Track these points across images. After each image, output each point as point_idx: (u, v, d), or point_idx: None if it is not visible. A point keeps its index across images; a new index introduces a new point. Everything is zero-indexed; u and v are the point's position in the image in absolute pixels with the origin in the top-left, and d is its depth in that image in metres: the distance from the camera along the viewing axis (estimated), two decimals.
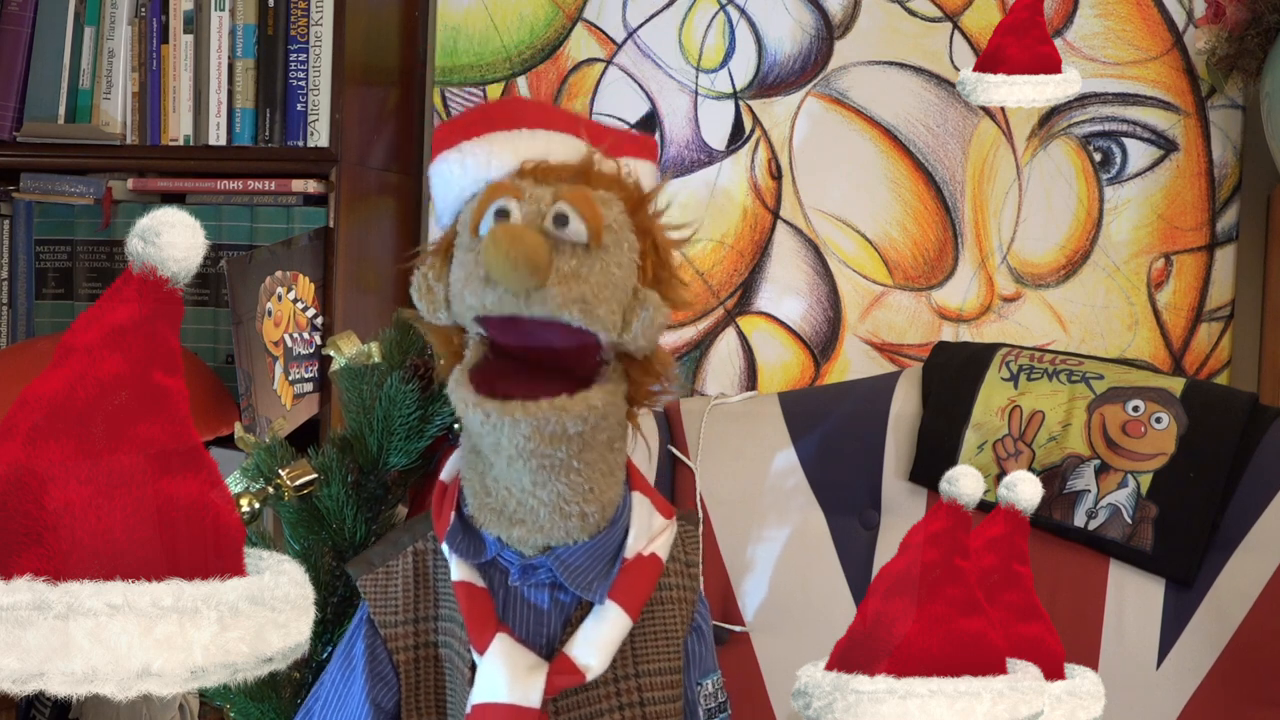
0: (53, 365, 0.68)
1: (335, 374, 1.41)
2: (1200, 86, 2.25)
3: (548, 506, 1.04)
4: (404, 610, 1.13)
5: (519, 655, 1.06)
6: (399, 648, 1.12)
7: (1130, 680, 1.54)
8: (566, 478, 1.04)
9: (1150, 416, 1.61)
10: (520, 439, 1.01)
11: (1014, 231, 2.30)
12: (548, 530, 1.05)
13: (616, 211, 1.03)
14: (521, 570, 1.08)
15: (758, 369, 2.36)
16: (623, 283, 1.02)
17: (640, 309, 1.02)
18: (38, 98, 2.28)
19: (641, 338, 1.03)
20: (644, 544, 1.10)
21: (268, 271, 2.12)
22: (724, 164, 2.36)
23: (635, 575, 1.09)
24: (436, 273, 1.06)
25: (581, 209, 1.00)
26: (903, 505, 1.66)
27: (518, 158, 1.04)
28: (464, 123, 1.08)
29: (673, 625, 1.12)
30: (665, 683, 1.11)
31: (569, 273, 0.99)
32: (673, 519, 1.14)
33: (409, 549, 1.14)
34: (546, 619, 1.09)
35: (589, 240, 1.00)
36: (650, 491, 1.13)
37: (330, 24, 2.20)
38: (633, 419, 1.10)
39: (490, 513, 1.06)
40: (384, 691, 1.13)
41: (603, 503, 1.07)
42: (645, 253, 1.05)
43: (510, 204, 1.01)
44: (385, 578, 1.14)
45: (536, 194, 1.01)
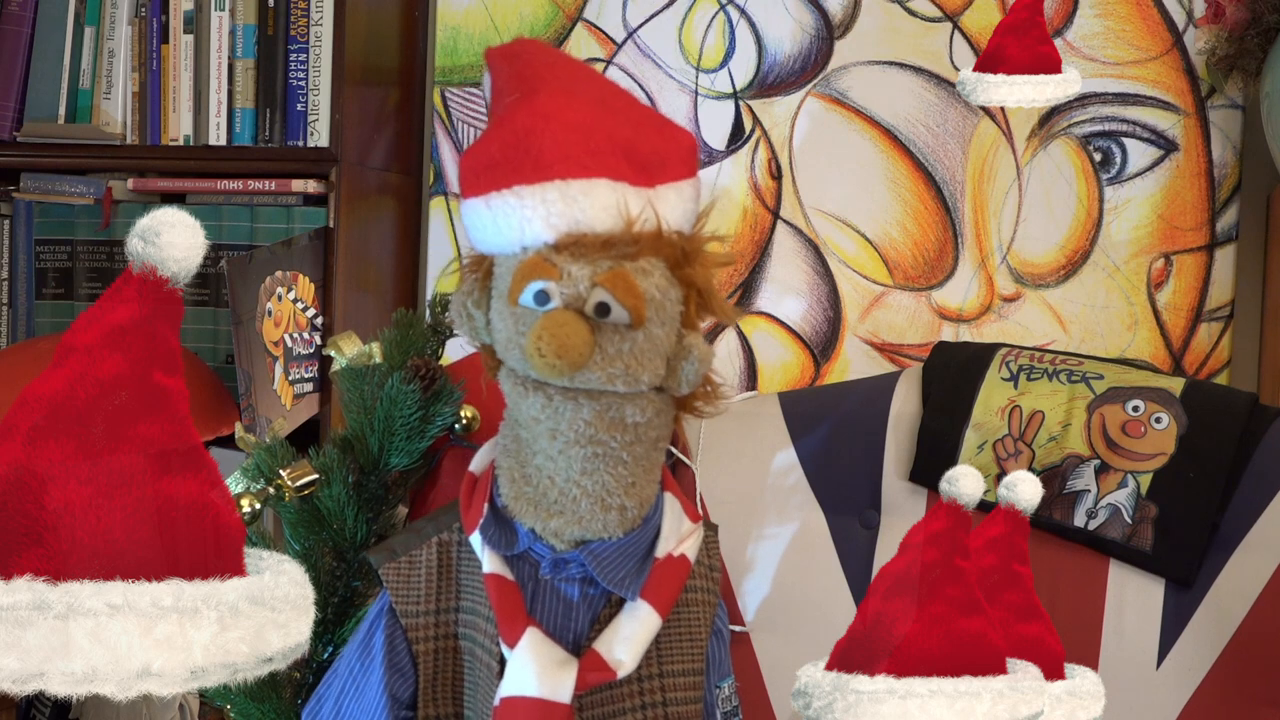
0: (53, 365, 0.68)
1: (336, 374, 1.41)
2: (1200, 86, 2.25)
3: (590, 497, 1.06)
4: (426, 600, 1.13)
5: (549, 650, 1.07)
6: (420, 638, 1.13)
7: (1130, 680, 1.54)
8: (614, 469, 1.05)
9: (1150, 416, 1.61)
10: (581, 423, 1.03)
11: (1014, 231, 2.30)
12: (586, 522, 1.06)
13: (658, 277, 1.03)
14: (553, 564, 1.08)
15: (758, 369, 2.36)
16: (666, 340, 1.04)
17: (684, 361, 1.05)
18: (38, 98, 2.28)
19: (686, 386, 1.06)
20: (674, 545, 1.10)
21: (268, 271, 2.12)
22: (724, 164, 2.36)
23: (666, 575, 1.09)
24: (475, 300, 1.08)
25: (622, 297, 1.00)
26: (903, 505, 1.66)
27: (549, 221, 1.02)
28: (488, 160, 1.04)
29: (697, 627, 1.13)
30: (688, 684, 1.12)
31: (613, 353, 1.01)
32: (700, 523, 1.14)
33: (433, 539, 1.14)
34: (575, 614, 1.09)
35: (631, 323, 1.01)
36: (680, 495, 1.14)
37: (330, 24, 2.20)
38: (679, 424, 1.11)
39: (527, 503, 1.07)
40: (401, 682, 1.13)
41: (641, 499, 1.08)
42: (689, 298, 1.06)
43: (550, 287, 1.01)
44: (409, 567, 1.14)
45: (575, 274, 1.01)
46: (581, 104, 1.05)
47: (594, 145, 1.03)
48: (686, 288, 1.05)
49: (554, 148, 1.02)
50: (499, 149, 1.03)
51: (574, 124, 1.03)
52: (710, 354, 1.06)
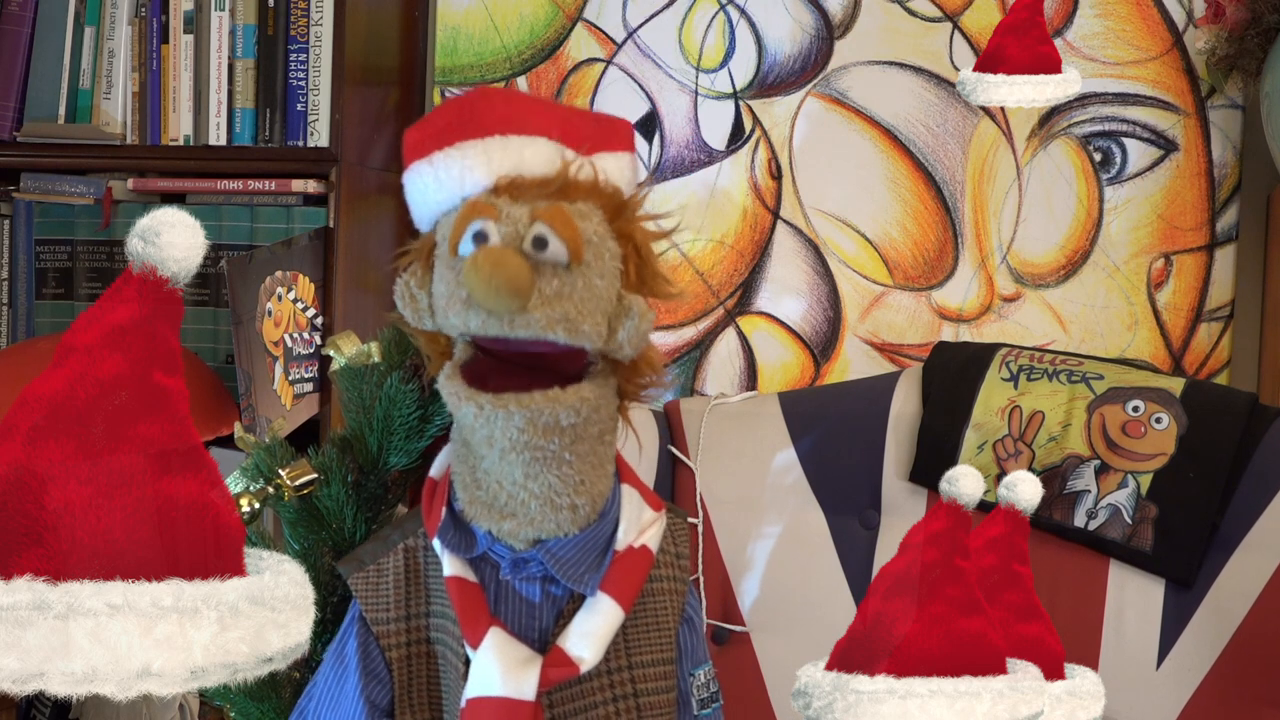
0: (53, 365, 0.68)
1: (335, 374, 1.40)
2: (1200, 86, 2.25)
3: (539, 499, 1.05)
4: (395, 607, 1.13)
5: (512, 649, 1.07)
6: (391, 645, 1.13)
7: (1130, 680, 1.54)
8: (558, 470, 1.04)
9: (1150, 417, 1.61)
10: (514, 431, 1.01)
11: (1014, 231, 2.30)
12: (538, 523, 1.06)
13: (595, 223, 1.02)
14: (512, 564, 1.08)
15: (758, 369, 2.36)
16: (606, 293, 1.02)
17: (625, 318, 1.02)
18: (38, 98, 2.28)
19: (628, 346, 1.03)
20: (635, 536, 1.10)
21: (268, 271, 2.12)
22: (724, 164, 2.36)
23: (627, 567, 1.09)
24: (419, 280, 1.07)
25: (560, 229, 0.99)
26: (903, 505, 1.66)
27: (491, 170, 1.03)
28: (433, 129, 1.06)
29: (664, 616, 1.13)
30: (658, 674, 1.12)
31: (551, 294, 0.99)
32: (662, 511, 1.14)
33: (399, 546, 1.14)
34: (539, 612, 1.09)
35: (569, 260, 1.00)
36: (639, 484, 1.13)
37: (330, 24, 2.20)
38: (624, 413, 1.10)
39: (481, 506, 1.07)
40: (378, 689, 1.13)
41: (593, 495, 1.07)
42: (628, 257, 1.04)
43: (488, 226, 1.00)
44: (376, 575, 1.14)
45: (513, 213, 1.00)
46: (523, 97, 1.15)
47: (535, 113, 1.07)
48: (625, 243, 1.05)
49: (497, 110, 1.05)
50: (441, 119, 1.06)
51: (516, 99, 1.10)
52: (652, 315, 1.04)
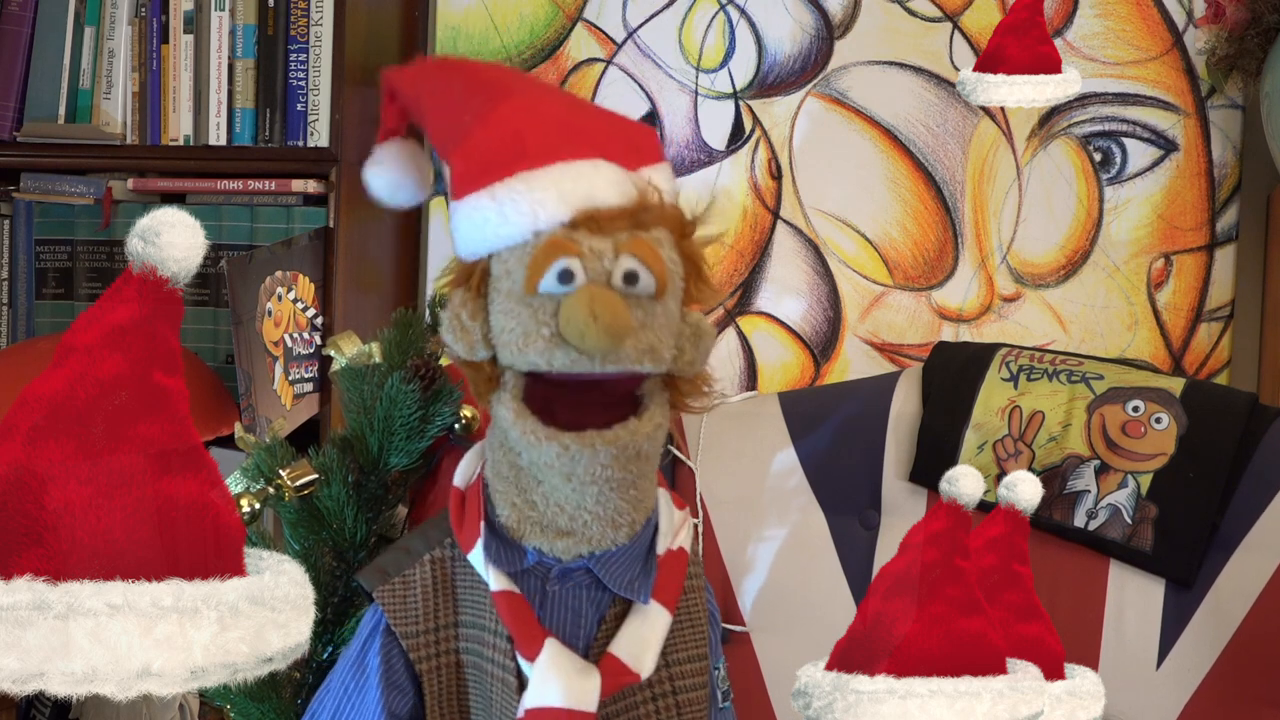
0: (53, 365, 0.68)
1: (336, 374, 1.41)
2: (1200, 86, 2.25)
3: (601, 520, 1.04)
4: (424, 620, 1.12)
5: (568, 660, 1.07)
6: (421, 657, 1.12)
7: (1130, 680, 1.54)
8: (626, 494, 1.04)
9: (1150, 417, 1.61)
10: (598, 467, 1.01)
11: (1014, 231, 2.30)
12: (595, 540, 1.06)
13: (669, 249, 1.02)
14: (560, 574, 1.08)
15: (758, 369, 2.36)
16: (677, 314, 1.03)
17: (695, 337, 1.03)
18: (38, 98, 2.28)
19: (699, 364, 1.04)
20: (671, 539, 1.10)
21: (268, 271, 2.12)
22: (724, 164, 2.36)
23: (670, 571, 1.10)
24: (470, 312, 1.03)
25: (649, 264, 0.99)
26: (903, 505, 1.66)
27: (565, 202, 1.00)
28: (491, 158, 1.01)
29: (697, 614, 1.14)
30: (694, 670, 1.12)
31: (638, 326, 0.98)
32: (686, 509, 1.14)
33: (425, 557, 1.13)
34: (584, 619, 1.09)
35: (656, 293, 1.00)
36: (664, 483, 1.14)
37: (330, 24, 2.20)
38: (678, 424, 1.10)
39: (533, 525, 1.06)
40: (400, 700, 1.12)
41: (646, 509, 1.08)
42: (688, 275, 1.04)
43: (574, 265, 0.98)
44: (403, 587, 1.13)
45: (596, 248, 0.99)
46: (553, 102, 1.06)
47: (582, 134, 1.03)
48: (687, 261, 1.04)
49: (549, 137, 1.02)
50: (490, 147, 1.02)
51: (557, 119, 1.04)
52: (714, 335, 1.05)
